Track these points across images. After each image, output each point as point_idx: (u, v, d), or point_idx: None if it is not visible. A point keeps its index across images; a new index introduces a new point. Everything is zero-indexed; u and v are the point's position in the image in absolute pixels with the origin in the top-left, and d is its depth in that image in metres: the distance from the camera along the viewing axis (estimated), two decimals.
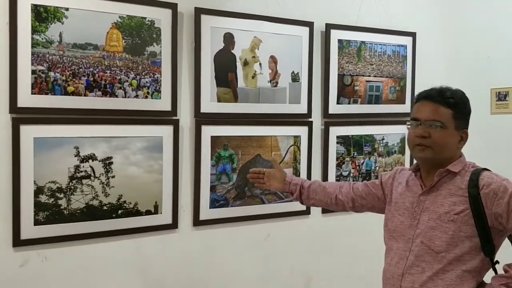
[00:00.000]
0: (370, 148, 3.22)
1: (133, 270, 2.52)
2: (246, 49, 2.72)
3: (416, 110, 1.76)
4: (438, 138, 1.67)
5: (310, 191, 2.09)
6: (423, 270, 1.67)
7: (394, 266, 1.76)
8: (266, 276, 2.89)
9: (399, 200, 1.83)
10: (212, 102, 2.64)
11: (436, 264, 1.65)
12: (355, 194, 2.03)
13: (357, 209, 2.07)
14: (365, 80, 3.14)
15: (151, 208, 2.52)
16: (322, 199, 2.08)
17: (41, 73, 2.22)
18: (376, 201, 1.99)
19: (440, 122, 1.68)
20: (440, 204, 1.69)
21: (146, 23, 2.45)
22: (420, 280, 1.67)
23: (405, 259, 1.72)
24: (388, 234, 1.85)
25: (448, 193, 1.69)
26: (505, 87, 3.19)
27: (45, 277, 2.31)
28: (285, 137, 2.89)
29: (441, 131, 1.68)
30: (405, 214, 1.78)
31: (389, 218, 1.86)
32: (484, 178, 1.65)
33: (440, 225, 1.66)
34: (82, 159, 2.34)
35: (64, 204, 2.30)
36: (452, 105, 1.70)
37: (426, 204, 1.72)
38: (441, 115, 1.69)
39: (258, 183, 2.19)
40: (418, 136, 1.69)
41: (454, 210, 1.65)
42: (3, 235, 2.21)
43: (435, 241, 1.66)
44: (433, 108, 1.70)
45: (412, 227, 1.73)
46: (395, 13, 3.26)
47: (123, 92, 2.41)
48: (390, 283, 1.77)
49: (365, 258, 3.15)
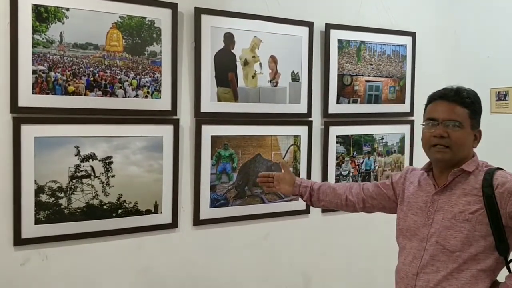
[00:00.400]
0: (370, 147, 3.23)
1: (133, 269, 2.53)
2: (246, 49, 2.73)
3: (432, 110, 1.75)
4: (456, 138, 1.67)
5: (320, 193, 2.09)
6: (438, 270, 1.67)
7: (408, 265, 1.76)
8: (266, 275, 2.90)
9: (412, 199, 1.83)
10: (212, 102, 2.64)
11: (451, 264, 1.65)
12: (366, 195, 2.03)
13: (367, 209, 2.07)
14: (364, 80, 3.14)
15: (151, 207, 2.53)
16: (332, 200, 2.08)
17: (41, 73, 2.22)
18: (387, 201, 1.99)
19: (458, 121, 1.68)
20: (454, 203, 1.69)
21: (146, 23, 2.46)
22: (435, 279, 1.67)
23: (420, 258, 1.72)
24: (401, 234, 1.85)
25: (462, 193, 1.69)
26: (504, 87, 3.20)
27: (46, 276, 2.32)
28: (285, 136, 2.90)
29: (459, 131, 1.67)
30: (419, 214, 1.78)
31: (402, 218, 1.86)
32: (499, 178, 1.64)
33: (455, 225, 1.66)
34: (82, 158, 2.35)
35: (64, 204, 2.31)
36: (468, 105, 1.70)
37: (440, 203, 1.72)
38: (458, 114, 1.68)
39: (267, 186, 2.19)
40: (437, 136, 1.68)
41: (468, 209, 1.65)
42: (4, 234, 2.22)
43: (450, 240, 1.66)
44: (451, 107, 1.69)
45: (426, 227, 1.73)
46: (395, 13, 3.27)
47: (123, 92, 2.41)
48: (405, 282, 1.76)
49: (364, 257, 3.17)
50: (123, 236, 2.48)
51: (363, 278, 3.19)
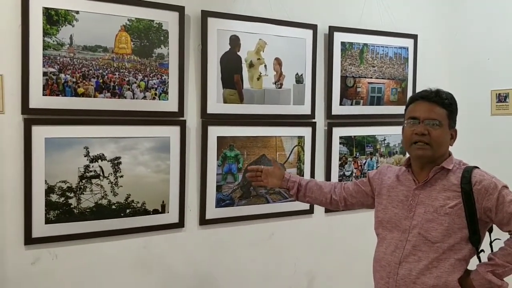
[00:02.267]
0: (372, 148, 3.27)
1: (141, 268, 2.56)
2: (251, 51, 2.77)
3: (413, 109, 1.87)
4: (436, 135, 1.79)
5: (307, 189, 2.19)
6: (419, 259, 1.79)
7: (390, 255, 1.86)
8: (270, 274, 2.94)
9: (392, 193, 1.94)
10: (218, 103, 2.68)
11: (432, 254, 1.78)
12: (346, 193, 2.15)
13: (349, 207, 2.19)
14: (367, 82, 3.19)
15: (158, 207, 2.56)
16: (317, 197, 2.18)
17: (52, 75, 2.26)
18: (365, 198, 2.11)
19: (437, 120, 1.80)
20: (435, 198, 1.81)
21: (154, 25, 2.50)
22: (417, 268, 1.78)
23: (402, 248, 1.83)
24: (381, 225, 1.95)
25: (442, 188, 1.82)
26: (505, 89, 3.25)
27: (56, 275, 2.35)
28: (289, 137, 2.94)
29: (438, 129, 1.80)
30: (399, 207, 1.89)
31: (381, 210, 1.96)
32: (476, 176, 1.78)
33: (437, 218, 1.78)
34: (91, 159, 2.38)
35: (74, 203, 2.35)
36: (447, 106, 1.83)
37: (420, 197, 1.84)
38: (438, 114, 1.81)
39: (256, 181, 2.25)
40: (418, 133, 1.80)
41: (448, 204, 1.78)
42: (15, 234, 2.26)
43: (431, 232, 1.78)
44: (431, 107, 1.82)
45: (408, 219, 1.84)
46: (397, 15, 3.31)
47: (131, 94, 2.45)
48: (386, 270, 1.86)
49: (368, 257, 3.16)
50: (131, 236, 2.51)
51: (366, 278, 3.21)
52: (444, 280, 1.75)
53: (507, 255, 1.75)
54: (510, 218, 1.73)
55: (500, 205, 1.73)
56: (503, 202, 1.73)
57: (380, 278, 1.89)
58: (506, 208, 1.72)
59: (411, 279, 1.78)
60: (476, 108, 3.34)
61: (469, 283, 1.76)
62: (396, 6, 3.32)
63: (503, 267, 1.74)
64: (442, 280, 1.75)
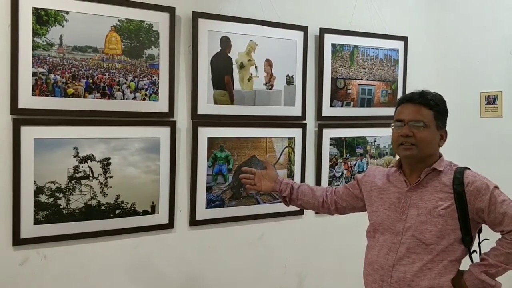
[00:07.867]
0: (362, 150, 3.29)
1: (130, 269, 2.56)
2: (242, 53, 2.78)
3: (399, 112, 1.88)
4: (421, 137, 1.80)
5: (300, 192, 2.18)
6: (413, 261, 1.79)
7: (383, 258, 1.86)
8: (261, 275, 2.94)
9: (384, 195, 1.93)
10: (208, 104, 2.69)
11: (426, 256, 1.78)
12: (337, 197, 2.15)
13: (340, 211, 2.18)
14: (357, 84, 3.21)
15: (148, 208, 2.56)
16: (309, 200, 2.18)
17: (41, 75, 2.26)
18: (355, 201, 2.11)
19: (422, 122, 1.81)
20: (427, 199, 1.81)
21: (145, 26, 2.50)
22: (412, 271, 1.78)
23: (396, 251, 1.83)
24: (373, 227, 1.95)
25: (434, 190, 1.82)
26: (494, 91, 3.27)
27: (45, 276, 2.34)
28: (279, 138, 2.95)
29: (424, 130, 1.80)
30: (392, 209, 1.89)
31: (373, 212, 1.96)
32: (468, 177, 1.79)
33: (430, 220, 1.78)
34: (81, 159, 2.38)
35: (63, 204, 2.34)
36: (432, 106, 1.83)
37: (413, 199, 1.84)
38: (423, 115, 1.81)
39: (249, 184, 2.23)
40: (403, 135, 1.81)
41: (441, 205, 1.78)
42: (3, 234, 2.25)
43: (425, 234, 1.78)
44: (416, 109, 1.83)
45: (401, 221, 1.84)
46: (387, 18, 3.34)
47: (121, 94, 2.45)
48: (380, 273, 1.85)
49: (358, 258, 3.19)
50: (121, 236, 2.51)
51: (356, 278, 3.23)
52: (438, 281, 1.76)
53: (499, 255, 1.76)
54: (502, 218, 1.74)
55: (492, 205, 1.75)
56: (495, 202, 1.74)
57: (373, 281, 1.88)
58: (498, 208, 1.74)
59: (406, 281, 1.78)
60: (466, 110, 3.36)
61: (462, 283, 1.77)
62: (387, 8, 3.35)
63: (496, 267, 1.76)
64: (436, 281, 1.76)
